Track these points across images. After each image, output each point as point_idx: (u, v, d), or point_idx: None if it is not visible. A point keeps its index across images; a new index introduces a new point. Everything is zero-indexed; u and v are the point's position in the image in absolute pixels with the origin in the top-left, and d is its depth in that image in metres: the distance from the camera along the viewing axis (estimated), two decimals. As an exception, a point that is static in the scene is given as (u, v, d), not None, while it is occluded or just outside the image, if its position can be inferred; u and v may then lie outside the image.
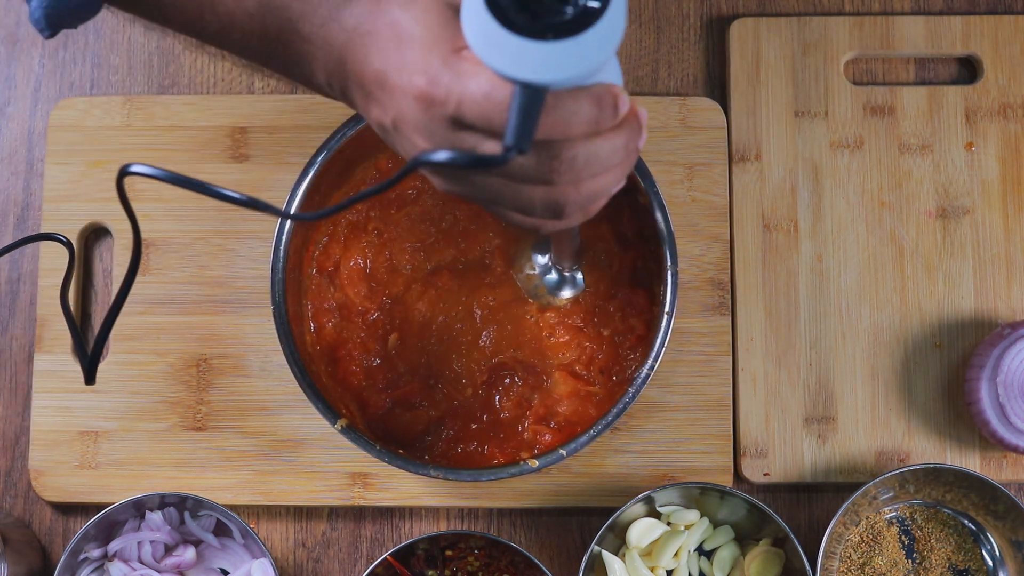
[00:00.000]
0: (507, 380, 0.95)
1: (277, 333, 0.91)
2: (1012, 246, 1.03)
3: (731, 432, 1.01)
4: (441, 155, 0.60)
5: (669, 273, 0.91)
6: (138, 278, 1.03)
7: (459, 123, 0.62)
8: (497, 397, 0.95)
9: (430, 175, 0.68)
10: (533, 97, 0.59)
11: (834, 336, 1.02)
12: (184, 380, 1.02)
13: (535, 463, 0.89)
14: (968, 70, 1.08)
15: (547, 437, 0.95)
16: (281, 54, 0.71)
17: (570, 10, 0.58)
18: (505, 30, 0.58)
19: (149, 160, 1.04)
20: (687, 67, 1.08)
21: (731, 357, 1.02)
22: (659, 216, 0.92)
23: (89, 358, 0.82)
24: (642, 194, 0.92)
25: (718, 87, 1.08)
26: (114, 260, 1.04)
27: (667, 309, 0.91)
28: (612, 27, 0.58)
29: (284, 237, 0.93)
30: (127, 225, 1.04)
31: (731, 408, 1.01)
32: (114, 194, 1.03)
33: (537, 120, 0.59)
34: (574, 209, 0.66)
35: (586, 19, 0.58)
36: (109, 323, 0.80)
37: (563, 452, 0.89)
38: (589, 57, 0.58)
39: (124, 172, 0.66)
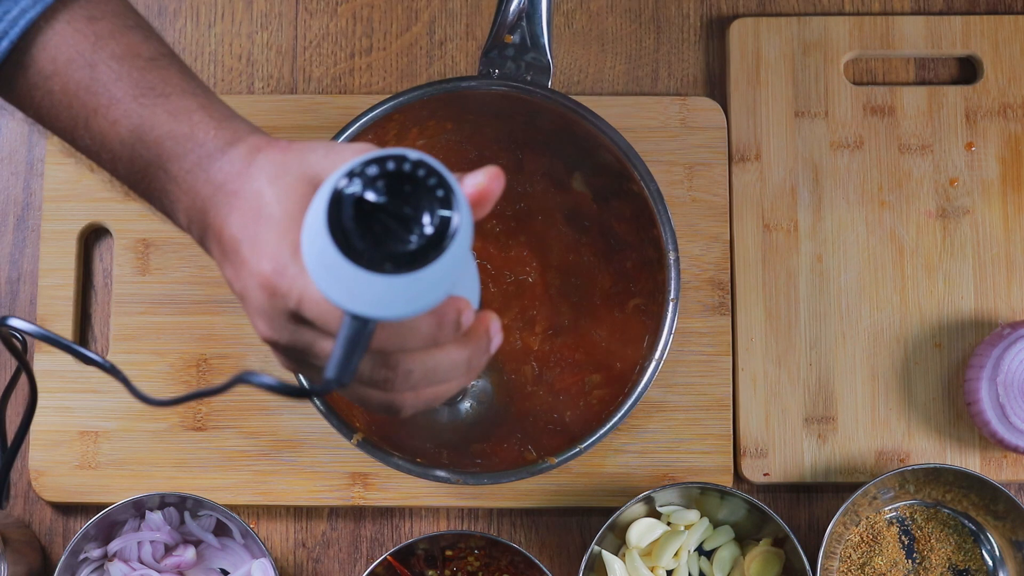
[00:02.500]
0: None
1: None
2: (1012, 246, 1.03)
3: (731, 432, 1.01)
4: (264, 379, 0.58)
5: (670, 258, 0.91)
6: (138, 278, 1.03)
7: (299, 319, 0.61)
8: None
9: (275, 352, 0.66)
10: (360, 330, 0.56)
11: (834, 336, 1.02)
12: (184, 380, 1.02)
13: (554, 460, 0.89)
14: (968, 70, 1.08)
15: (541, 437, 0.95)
16: (147, 187, 0.69)
17: (415, 239, 0.55)
18: (341, 256, 0.54)
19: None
20: (687, 67, 1.08)
21: (731, 357, 1.02)
22: (656, 204, 0.92)
23: (1, 478, 0.82)
24: (636, 183, 0.92)
25: (718, 87, 1.08)
26: (114, 260, 1.04)
27: (672, 296, 0.91)
28: (452, 264, 0.55)
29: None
30: (127, 225, 1.04)
31: (731, 408, 1.01)
32: (114, 194, 1.04)
33: (362, 353, 0.57)
34: (411, 410, 0.65)
35: (427, 253, 0.55)
36: (14, 451, 0.80)
37: (581, 447, 0.89)
38: (424, 298, 0.56)
39: (2, 324, 0.66)
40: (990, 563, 1.00)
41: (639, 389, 0.90)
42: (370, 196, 0.55)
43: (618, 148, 0.92)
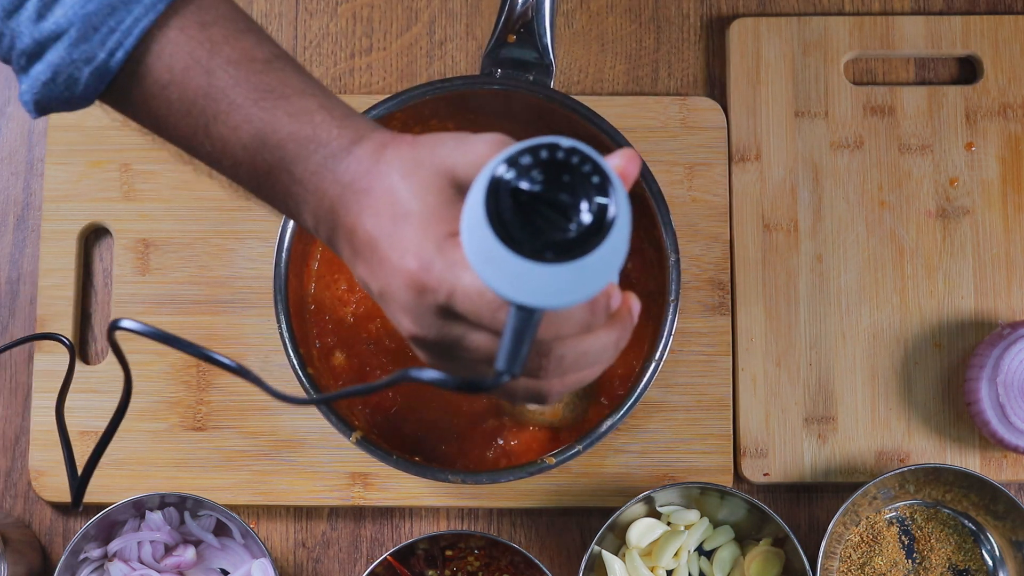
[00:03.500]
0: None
1: (288, 358, 0.91)
2: (1012, 246, 1.03)
3: (731, 432, 1.01)
4: (430, 374, 0.58)
5: (671, 260, 0.91)
6: (138, 278, 1.03)
7: (448, 313, 0.60)
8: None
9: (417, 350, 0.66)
10: (528, 320, 0.57)
11: (834, 336, 1.02)
12: (184, 380, 1.02)
13: (552, 460, 0.89)
14: (968, 70, 1.08)
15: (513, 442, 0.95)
16: (271, 190, 0.69)
17: (574, 228, 0.54)
18: (505, 248, 0.54)
19: (149, 160, 1.04)
20: (687, 67, 1.08)
21: (731, 357, 1.02)
22: (657, 205, 0.92)
23: (78, 483, 0.80)
24: (636, 183, 0.92)
25: (718, 87, 1.08)
26: (114, 260, 1.04)
27: (672, 297, 0.91)
28: (615, 250, 0.56)
29: (286, 242, 0.92)
30: (127, 225, 1.04)
31: (731, 408, 1.01)
32: (114, 194, 1.04)
33: (530, 343, 0.57)
34: (556, 398, 0.65)
35: (589, 240, 0.54)
36: (100, 451, 0.77)
37: (579, 447, 0.89)
38: (590, 284, 0.56)
39: (114, 327, 0.65)
40: (990, 563, 1.00)
41: (639, 389, 0.90)
42: (525, 185, 0.55)
43: (619, 148, 0.92)
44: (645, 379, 0.90)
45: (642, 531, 0.97)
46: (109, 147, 1.04)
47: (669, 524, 0.98)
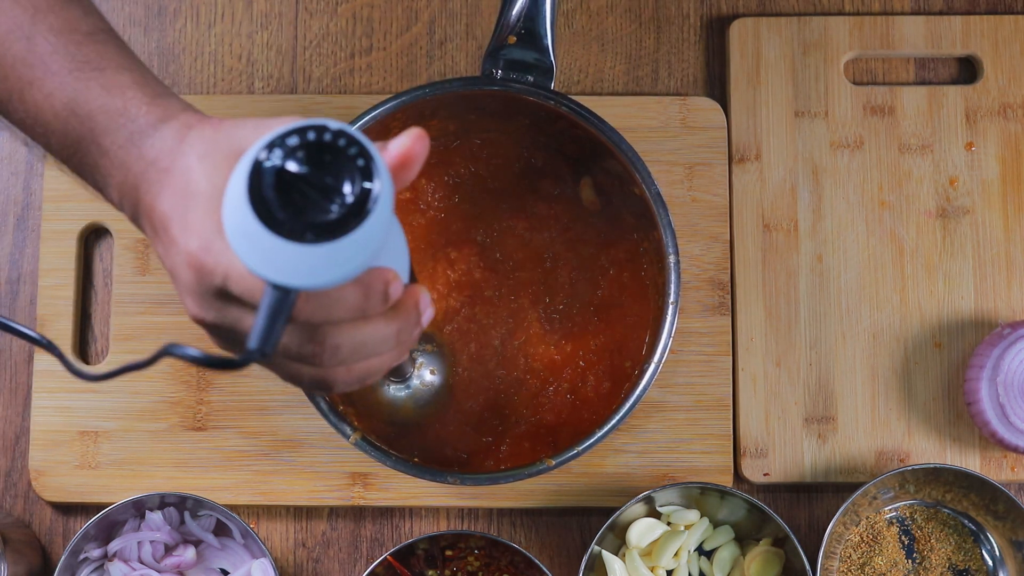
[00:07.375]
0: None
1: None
2: (1012, 246, 1.03)
3: (731, 432, 1.01)
4: (187, 351, 0.57)
5: (671, 261, 0.91)
6: (138, 278, 1.03)
7: (227, 296, 0.60)
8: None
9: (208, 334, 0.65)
10: (282, 299, 0.56)
11: (834, 336, 1.02)
12: (184, 380, 1.02)
13: (551, 462, 0.89)
14: (968, 70, 1.08)
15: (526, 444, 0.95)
16: (80, 161, 0.69)
17: (336, 209, 0.55)
18: (260, 226, 0.54)
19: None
20: (687, 67, 1.08)
21: (731, 357, 1.02)
22: (656, 206, 0.92)
23: None
24: (637, 186, 0.92)
25: (718, 87, 1.08)
26: (114, 260, 1.04)
27: (672, 298, 0.91)
28: (371, 234, 0.55)
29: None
30: (127, 225, 1.04)
31: (731, 408, 1.01)
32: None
33: (284, 323, 0.56)
34: (344, 387, 0.64)
35: (348, 222, 0.55)
36: None
37: (579, 448, 0.89)
38: (345, 266, 0.56)
39: None
40: (990, 563, 1.00)
41: (639, 389, 0.90)
42: (291, 166, 0.55)
43: (620, 150, 0.92)
44: (645, 379, 0.90)
45: (642, 531, 0.97)
46: (109, 147, 1.04)
47: (669, 524, 0.98)
